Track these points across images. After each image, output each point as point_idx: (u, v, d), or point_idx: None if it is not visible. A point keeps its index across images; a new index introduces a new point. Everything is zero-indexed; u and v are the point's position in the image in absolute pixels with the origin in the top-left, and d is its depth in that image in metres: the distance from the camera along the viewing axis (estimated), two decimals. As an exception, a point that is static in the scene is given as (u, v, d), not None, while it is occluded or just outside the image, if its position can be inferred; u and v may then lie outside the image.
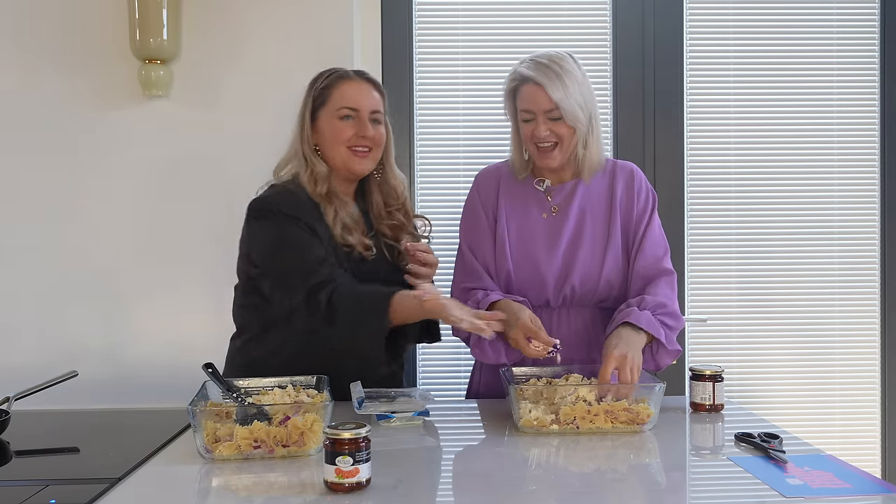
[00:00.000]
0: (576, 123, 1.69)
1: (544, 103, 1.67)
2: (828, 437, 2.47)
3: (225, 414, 1.38)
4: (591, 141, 1.74)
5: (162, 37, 2.15)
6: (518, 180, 1.80)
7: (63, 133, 2.24)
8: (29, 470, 1.35)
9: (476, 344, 1.70)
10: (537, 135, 1.69)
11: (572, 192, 1.77)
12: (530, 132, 1.70)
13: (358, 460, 1.13)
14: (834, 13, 2.47)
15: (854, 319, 2.50)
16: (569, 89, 1.66)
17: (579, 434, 1.43)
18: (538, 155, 1.73)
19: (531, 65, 1.69)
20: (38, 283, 2.25)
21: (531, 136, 1.71)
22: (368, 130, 1.72)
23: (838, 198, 2.49)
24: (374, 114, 1.74)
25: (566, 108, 1.66)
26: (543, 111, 1.67)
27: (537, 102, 1.68)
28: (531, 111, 1.69)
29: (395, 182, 1.82)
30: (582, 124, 1.70)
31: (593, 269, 1.72)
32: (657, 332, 1.62)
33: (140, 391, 2.19)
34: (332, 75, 1.77)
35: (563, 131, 1.69)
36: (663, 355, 1.67)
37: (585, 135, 1.72)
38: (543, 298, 1.74)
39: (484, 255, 1.77)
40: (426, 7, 2.44)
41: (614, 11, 2.44)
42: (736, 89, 2.47)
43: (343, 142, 1.71)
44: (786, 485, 1.16)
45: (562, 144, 1.70)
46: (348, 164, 1.72)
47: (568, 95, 1.66)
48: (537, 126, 1.69)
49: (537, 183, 1.79)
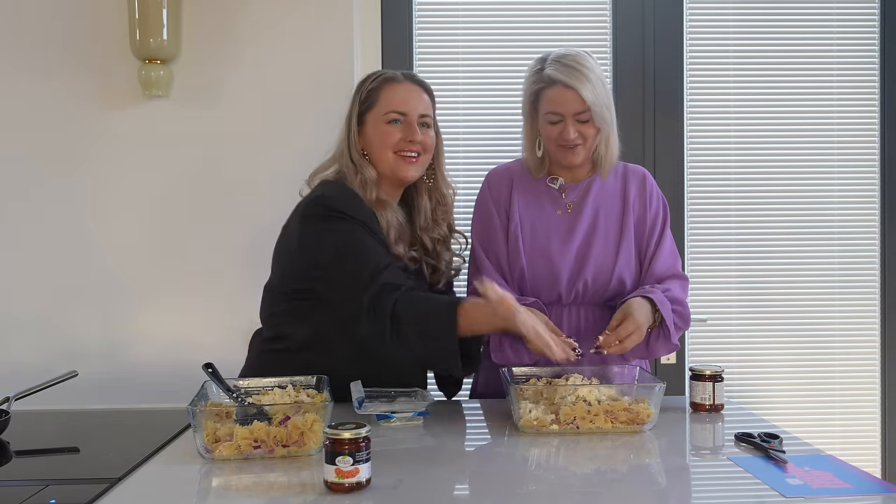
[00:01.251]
0: (602, 124, 1.70)
1: (576, 106, 1.66)
2: (828, 437, 2.48)
3: (225, 414, 1.38)
4: (612, 139, 1.75)
5: (162, 37, 2.15)
6: (531, 178, 1.80)
7: (63, 133, 2.24)
8: (29, 470, 1.35)
9: (497, 348, 1.70)
10: (566, 137, 1.68)
11: (587, 191, 1.78)
12: (557, 133, 1.69)
13: (358, 460, 1.13)
14: (834, 13, 2.47)
15: (854, 319, 2.50)
16: (597, 90, 1.67)
17: (579, 434, 1.43)
18: (562, 154, 1.72)
19: (558, 66, 1.66)
20: (38, 282, 2.25)
21: (558, 137, 1.70)
22: (417, 135, 1.65)
23: (838, 198, 2.49)
24: (423, 118, 1.69)
25: (597, 111, 1.67)
26: (573, 113, 1.67)
27: (567, 105, 1.66)
28: (559, 113, 1.68)
29: (446, 190, 1.76)
30: (607, 124, 1.71)
31: (606, 264, 1.73)
32: (670, 320, 1.64)
33: (140, 391, 2.19)
34: (380, 77, 1.70)
35: (590, 132, 1.70)
36: (661, 346, 1.68)
37: (608, 133, 1.73)
38: (556, 294, 1.74)
39: (497, 254, 1.77)
40: (426, 7, 2.44)
41: (614, 11, 2.44)
42: (736, 89, 2.47)
43: (391, 146, 1.65)
44: (786, 485, 1.16)
45: (586, 143, 1.71)
46: (396, 170, 1.66)
47: (597, 97, 1.67)
48: (566, 128, 1.68)
49: (550, 181, 1.79)
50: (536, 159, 1.78)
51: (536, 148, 1.77)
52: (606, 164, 1.77)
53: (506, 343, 1.70)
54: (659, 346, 1.69)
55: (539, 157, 1.78)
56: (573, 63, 1.66)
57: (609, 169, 1.79)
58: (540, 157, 1.78)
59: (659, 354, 1.70)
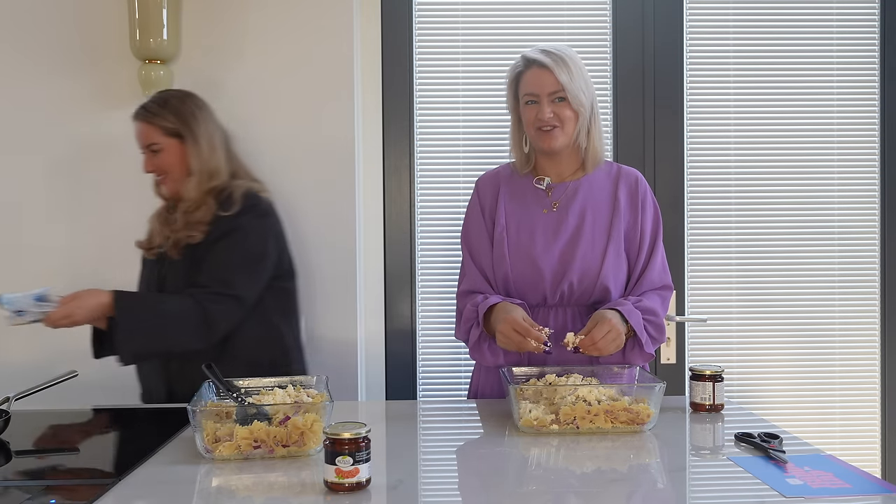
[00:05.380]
0: (579, 107, 1.72)
1: (550, 85, 1.70)
2: (828, 437, 2.48)
3: (225, 414, 1.38)
4: (594, 130, 1.77)
5: (162, 37, 2.15)
6: (518, 179, 1.81)
7: (63, 133, 2.24)
8: (29, 470, 1.35)
9: (475, 347, 1.72)
10: (541, 117, 1.71)
11: (574, 191, 1.78)
12: (534, 115, 1.72)
13: (358, 460, 1.14)
14: (834, 13, 2.47)
15: (854, 319, 2.50)
16: (573, 74, 1.71)
17: (579, 434, 1.43)
18: (540, 138, 1.74)
19: (536, 51, 1.73)
20: (38, 282, 2.24)
21: (534, 119, 1.72)
22: None
23: (838, 198, 2.49)
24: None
25: (571, 91, 1.69)
26: (548, 93, 1.70)
27: (542, 84, 1.70)
28: (535, 94, 1.72)
29: None
30: (585, 109, 1.73)
31: (592, 266, 1.72)
32: (640, 333, 1.65)
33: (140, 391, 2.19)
34: None
35: (566, 114, 1.71)
36: (636, 355, 1.70)
37: (588, 122, 1.75)
38: (541, 295, 1.74)
39: (482, 259, 1.78)
40: (426, 7, 2.44)
41: (614, 11, 2.44)
42: (736, 89, 2.47)
43: None
44: (786, 485, 1.16)
45: (563, 127, 1.72)
46: None
47: (573, 79, 1.70)
48: (541, 108, 1.71)
49: (537, 181, 1.79)
50: (523, 155, 1.81)
51: (523, 143, 1.80)
52: (590, 157, 1.78)
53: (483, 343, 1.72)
54: (634, 356, 1.70)
55: (526, 152, 1.81)
56: (550, 49, 1.73)
57: (594, 163, 1.79)
58: (526, 152, 1.81)
59: (636, 363, 1.70)
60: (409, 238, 2.43)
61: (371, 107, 2.41)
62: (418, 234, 2.44)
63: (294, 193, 2.24)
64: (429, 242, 2.44)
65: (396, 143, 2.43)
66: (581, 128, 1.74)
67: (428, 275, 2.44)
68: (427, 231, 2.44)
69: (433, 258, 2.44)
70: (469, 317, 1.73)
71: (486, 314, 1.70)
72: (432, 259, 2.44)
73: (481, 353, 1.72)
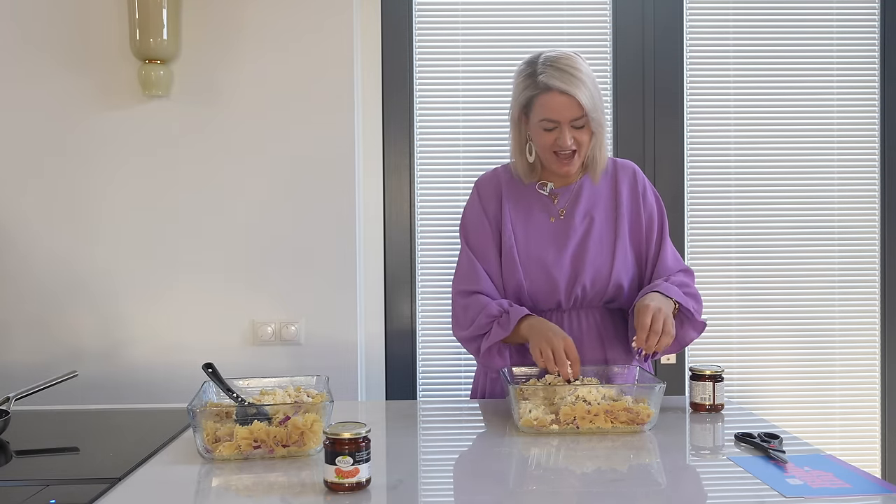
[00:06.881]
0: (598, 128, 1.66)
1: (573, 112, 1.60)
2: (828, 437, 2.48)
3: (225, 414, 1.38)
4: (604, 142, 1.72)
5: (162, 37, 2.15)
6: (519, 184, 1.77)
7: (63, 133, 2.24)
8: (29, 470, 1.35)
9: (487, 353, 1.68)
10: (561, 144, 1.63)
11: (577, 195, 1.75)
12: (552, 140, 1.65)
13: (358, 460, 1.14)
14: (834, 13, 2.47)
15: (854, 319, 2.50)
16: (591, 90, 1.62)
17: (579, 434, 1.43)
18: (557, 162, 1.68)
19: (552, 72, 1.60)
20: (38, 282, 2.25)
21: (552, 144, 1.65)
22: None
23: (838, 198, 2.49)
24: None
25: (594, 116, 1.62)
26: (570, 120, 1.62)
27: (563, 112, 1.61)
28: (555, 121, 1.62)
29: None
30: (602, 128, 1.67)
31: (603, 268, 1.71)
32: (685, 301, 1.64)
33: (140, 391, 2.20)
34: None
35: (584, 138, 1.65)
36: (689, 329, 1.68)
37: (602, 138, 1.70)
38: (555, 301, 1.72)
39: (489, 264, 1.74)
40: (426, 7, 2.44)
41: (614, 11, 2.44)
42: (736, 89, 2.47)
43: None
44: (786, 485, 1.16)
45: (580, 151, 1.66)
46: None
47: (593, 101, 1.62)
48: (562, 135, 1.63)
49: (540, 187, 1.75)
50: (527, 165, 1.74)
51: (527, 153, 1.72)
52: (598, 168, 1.73)
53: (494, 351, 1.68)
54: (688, 329, 1.68)
55: (531, 162, 1.73)
56: (567, 67, 1.60)
57: (601, 173, 1.74)
58: (531, 162, 1.73)
59: (692, 337, 1.69)
60: (409, 238, 2.43)
61: (371, 106, 2.41)
62: (418, 234, 2.44)
63: (294, 193, 2.24)
64: (429, 242, 2.44)
65: (396, 142, 2.43)
66: (595, 144, 1.69)
67: (428, 275, 2.44)
68: (427, 231, 2.44)
69: (433, 258, 2.44)
70: (482, 323, 1.67)
71: None
72: (432, 259, 2.44)
73: (491, 358, 1.68)
